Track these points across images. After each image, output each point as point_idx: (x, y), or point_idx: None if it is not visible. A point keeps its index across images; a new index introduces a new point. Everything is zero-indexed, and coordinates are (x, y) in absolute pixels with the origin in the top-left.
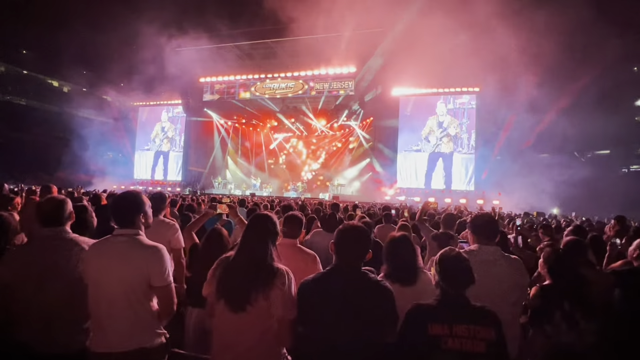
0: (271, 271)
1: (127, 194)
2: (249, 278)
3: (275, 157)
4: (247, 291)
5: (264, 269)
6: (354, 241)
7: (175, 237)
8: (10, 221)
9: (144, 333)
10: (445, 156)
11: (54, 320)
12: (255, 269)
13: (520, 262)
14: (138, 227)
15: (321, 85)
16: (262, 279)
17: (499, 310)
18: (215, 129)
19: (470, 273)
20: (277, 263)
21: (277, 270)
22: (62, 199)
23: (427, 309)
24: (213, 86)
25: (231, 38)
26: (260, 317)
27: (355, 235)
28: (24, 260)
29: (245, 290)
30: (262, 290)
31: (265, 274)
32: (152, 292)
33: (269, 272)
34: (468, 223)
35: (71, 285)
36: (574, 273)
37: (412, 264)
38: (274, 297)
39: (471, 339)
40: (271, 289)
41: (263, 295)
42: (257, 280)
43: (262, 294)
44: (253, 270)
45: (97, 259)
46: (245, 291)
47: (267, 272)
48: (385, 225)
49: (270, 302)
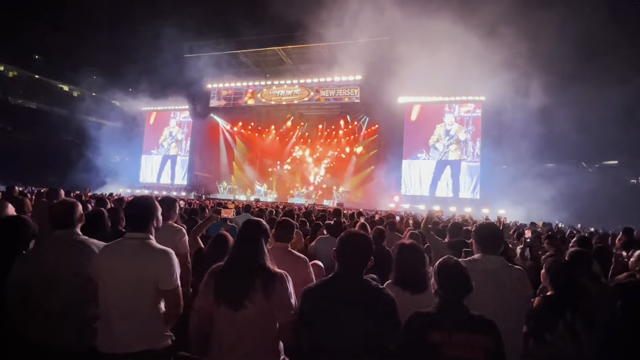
0: (270, 274)
1: (142, 199)
2: (244, 275)
3: (281, 163)
4: (244, 287)
5: (259, 268)
6: (356, 248)
7: (182, 241)
8: (30, 225)
9: (151, 335)
10: (453, 164)
11: (63, 320)
12: (250, 267)
13: (524, 272)
14: (149, 231)
15: (327, 92)
16: (259, 279)
17: (502, 319)
18: (221, 134)
19: (468, 282)
20: (274, 267)
21: (276, 274)
22: (73, 202)
23: (426, 317)
24: (220, 92)
25: (238, 45)
26: (261, 316)
27: (357, 242)
28: (36, 261)
29: (241, 287)
30: (260, 289)
31: (263, 275)
32: (159, 295)
33: (267, 274)
34: (472, 232)
35: (80, 286)
36: (574, 284)
37: (422, 272)
38: (276, 299)
39: (470, 347)
40: (272, 291)
41: (263, 294)
42: (252, 277)
43: (261, 293)
44: (247, 267)
45: (108, 261)
46: (242, 287)
47: (265, 274)
48: (390, 233)
49: (272, 304)
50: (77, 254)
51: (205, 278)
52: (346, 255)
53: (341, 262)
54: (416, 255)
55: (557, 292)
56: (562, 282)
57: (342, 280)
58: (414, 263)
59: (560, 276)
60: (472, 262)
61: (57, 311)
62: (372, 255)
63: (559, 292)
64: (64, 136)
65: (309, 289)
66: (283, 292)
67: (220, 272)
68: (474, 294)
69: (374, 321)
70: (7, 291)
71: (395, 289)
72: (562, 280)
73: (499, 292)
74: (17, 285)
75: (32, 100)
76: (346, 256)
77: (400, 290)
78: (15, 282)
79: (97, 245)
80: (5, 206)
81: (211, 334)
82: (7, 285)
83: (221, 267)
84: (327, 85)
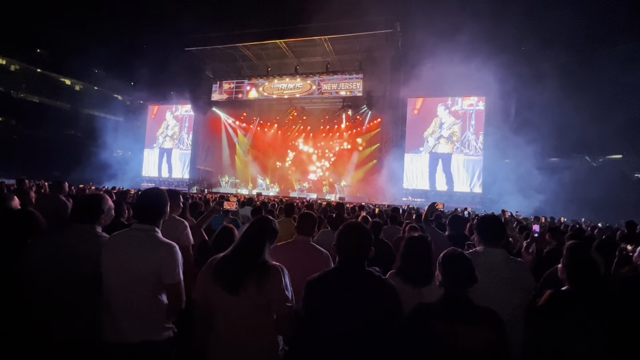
0: (265, 267)
1: (154, 191)
2: (242, 265)
3: (283, 157)
4: (239, 274)
5: (257, 263)
6: (355, 239)
7: (184, 234)
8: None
9: (154, 326)
10: (444, 157)
11: (69, 310)
12: (248, 259)
13: (525, 264)
14: (156, 223)
15: (329, 85)
16: (255, 271)
17: (502, 312)
18: (223, 128)
19: (472, 272)
20: (271, 261)
21: (271, 266)
22: (95, 197)
23: (430, 309)
24: (222, 85)
25: (240, 38)
26: (255, 309)
27: (355, 233)
28: (45, 250)
29: (237, 273)
30: (255, 281)
31: (259, 268)
32: (162, 288)
33: (262, 267)
34: (474, 225)
35: (86, 278)
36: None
37: (427, 265)
38: (270, 291)
39: (475, 338)
40: (265, 283)
41: (256, 285)
42: (248, 269)
43: (255, 284)
44: (246, 259)
45: (113, 251)
46: (238, 274)
47: (261, 267)
48: (391, 226)
49: (266, 296)
50: (85, 246)
51: (205, 267)
52: (346, 246)
53: (341, 254)
54: (421, 248)
55: (575, 286)
56: (584, 276)
57: (344, 271)
58: (418, 255)
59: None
60: (473, 255)
61: (63, 301)
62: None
63: (576, 287)
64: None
65: (312, 279)
66: (277, 284)
67: (221, 258)
68: (476, 286)
69: (376, 310)
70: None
71: (397, 280)
72: (584, 274)
73: (500, 285)
74: (27, 271)
75: (34, 94)
76: (346, 248)
77: (402, 282)
78: (25, 271)
79: (106, 237)
80: (12, 198)
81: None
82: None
83: (223, 255)
84: (329, 79)
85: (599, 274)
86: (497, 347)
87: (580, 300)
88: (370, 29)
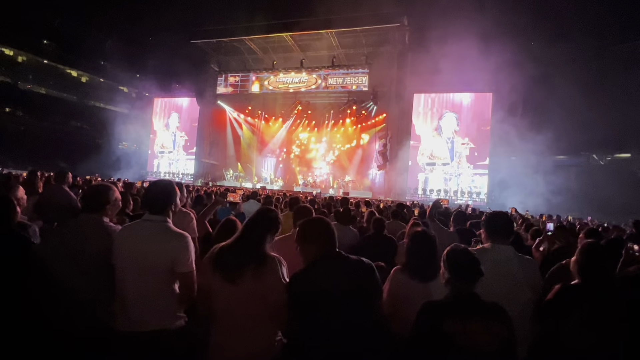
0: (263, 257)
1: (163, 182)
2: (241, 256)
3: (287, 152)
4: (238, 266)
5: (256, 254)
6: (320, 230)
7: (190, 225)
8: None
9: (166, 315)
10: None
11: (81, 300)
12: (248, 251)
13: (534, 262)
14: (167, 214)
15: (335, 80)
16: (253, 261)
17: (510, 309)
18: (228, 121)
19: (477, 266)
20: (270, 252)
21: (267, 256)
22: (103, 187)
23: (439, 306)
24: (227, 79)
25: (246, 31)
26: (252, 298)
27: (318, 225)
28: (58, 240)
29: (236, 266)
30: (252, 271)
31: (257, 258)
32: (174, 278)
33: (260, 257)
34: (482, 222)
35: (99, 268)
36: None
37: (432, 261)
38: (267, 281)
39: (484, 335)
40: (263, 273)
41: (253, 275)
42: (247, 258)
43: (252, 274)
44: (245, 251)
45: (125, 242)
46: (237, 261)
47: (259, 257)
48: (394, 221)
49: (263, 285)
50: (96, 237)
51: (207, 255)
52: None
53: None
54: (426, 242)
55: (586, 282)
56: (596, 271)
57: (324, 260)
58: (423, 250)
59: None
60: (481, 251)
61: (75, 291)
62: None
63: (587, 282)
64: (73, 122)
65: (296, 274)
66: (273, 273)
67: (222, 247)
68: (483, 283)
69: (360, 290)
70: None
71: (404, 276)
72: (596, 269)
73: (508, 282)
74: (41, 261)
75: (41, 85)
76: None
77: (409, 278)
78: (36, 261)
79: (117, 229)
80: (17, 187)
81: None
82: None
83: (224, 244)
84: (334, 73)
85: (612, 273)
86: (507, 343)
87: (588, 296)
88: (377, 23)
